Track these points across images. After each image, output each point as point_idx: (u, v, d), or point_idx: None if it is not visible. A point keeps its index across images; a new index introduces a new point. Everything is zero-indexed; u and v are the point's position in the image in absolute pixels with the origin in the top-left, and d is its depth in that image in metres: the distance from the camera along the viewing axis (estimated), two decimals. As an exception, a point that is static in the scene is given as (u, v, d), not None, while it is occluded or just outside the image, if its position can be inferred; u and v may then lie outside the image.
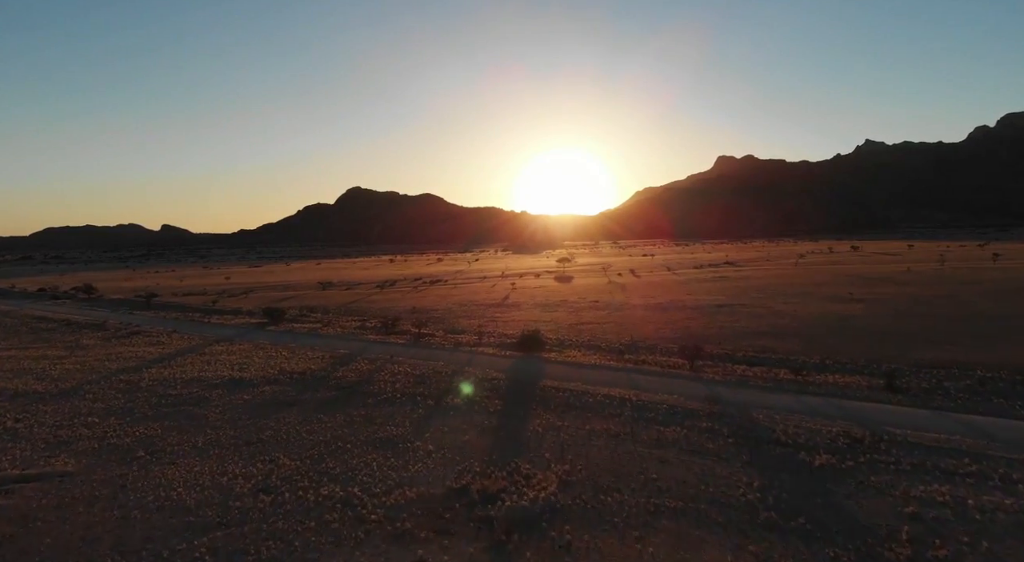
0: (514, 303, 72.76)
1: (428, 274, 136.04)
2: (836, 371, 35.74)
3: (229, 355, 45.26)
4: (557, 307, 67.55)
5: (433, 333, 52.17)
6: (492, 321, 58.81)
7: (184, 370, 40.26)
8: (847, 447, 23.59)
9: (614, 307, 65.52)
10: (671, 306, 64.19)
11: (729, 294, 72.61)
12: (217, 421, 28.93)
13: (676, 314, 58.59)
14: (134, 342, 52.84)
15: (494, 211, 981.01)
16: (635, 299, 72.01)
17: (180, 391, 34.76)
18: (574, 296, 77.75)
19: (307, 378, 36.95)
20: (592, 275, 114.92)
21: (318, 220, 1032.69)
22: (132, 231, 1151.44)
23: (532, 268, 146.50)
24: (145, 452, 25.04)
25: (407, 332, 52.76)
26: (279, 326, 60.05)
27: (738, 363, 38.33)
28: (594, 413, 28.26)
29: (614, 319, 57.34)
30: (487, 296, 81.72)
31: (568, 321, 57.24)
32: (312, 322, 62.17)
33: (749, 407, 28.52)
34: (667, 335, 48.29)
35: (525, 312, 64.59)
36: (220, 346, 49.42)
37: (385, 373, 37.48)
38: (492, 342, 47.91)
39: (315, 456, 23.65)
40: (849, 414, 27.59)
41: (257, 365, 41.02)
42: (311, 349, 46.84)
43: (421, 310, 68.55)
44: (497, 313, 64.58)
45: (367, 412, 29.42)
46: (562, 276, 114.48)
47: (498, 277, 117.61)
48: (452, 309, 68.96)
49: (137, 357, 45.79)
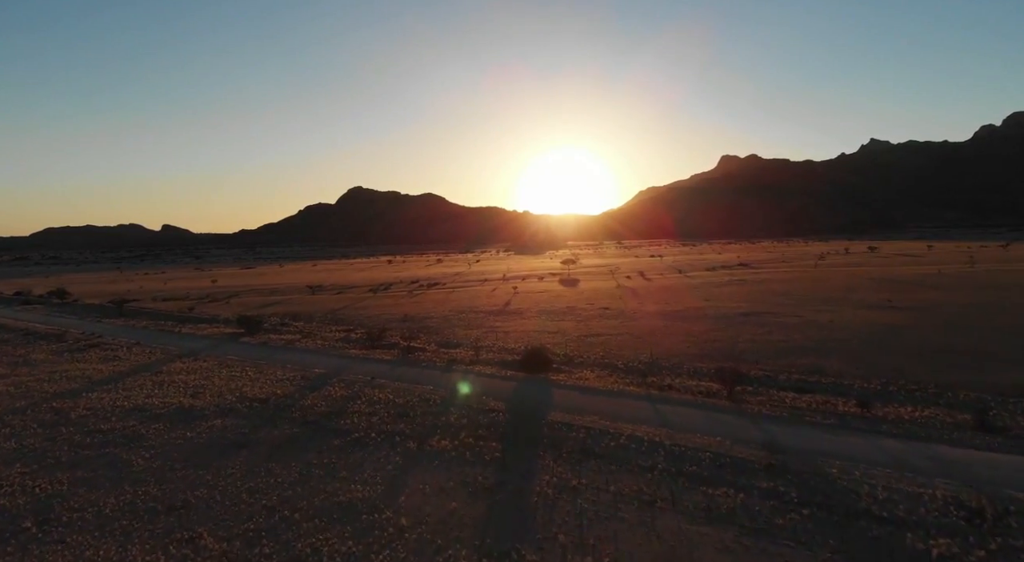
0: (516, 310, 66.79)
1: (426, 277, 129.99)
2: (906, 401, 29.62)
3: (187, 375, 39.31)
4: (564, 315, 61.53)
5: (424, 347, 46.14)
6: (492, 332, 52.83)
7: (129, 395, 34.28)
8: (965, 523, 17.53)
9: (627, 315, 59.47)
10: (690, 314, 58.12)
11: (752, 300, 66.50)
12: (143, 471, 22.98)
13: (698, 324, 52.52)
14: (88, 357, 46.88)
15: (496, 211, 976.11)
16: (649, 306, 65.95)
17: (114, 425, 28.81)
18: (581, 302, 71.72)
19: (268, 407, 30.96)
20: (599, 278, 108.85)
21: (319, 220, 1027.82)
22: (133, 231, 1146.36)
23: (535, 270, 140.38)
24: (34, 522, 19.04)
25: (395, 346, 46.76)
26: (254, 337, 54.10)
27: (784, 389, 32.23)
28: (619, 464, 22.17)
29: (628, 330, 51.31)
30: (487, 302, 75.73)
31: (577, 332, 51.23)
32: (292, 332, 56.18)
33: (816, 456, 22.43)
34: (692, 350, 42.26)
35: (528, 321, 58.61)
36: (181, 363, 43.47)
37: (362, 401, 31.47)
38: (491, 358, 41.88)
39: (251, 534, 17.61)
40: (947, 467, 21.46)
41: (215, 389, 35.05)
42: (282, 367, 40.85)
43: (414, 318, 62.59)
44: (497, 322, 58.60)
45: (331, 459, 23.43)
46: (567, 279, 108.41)
47: (499, 280, 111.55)
48: (448, 317, 62.96)
49: (83, 377, 39.83)
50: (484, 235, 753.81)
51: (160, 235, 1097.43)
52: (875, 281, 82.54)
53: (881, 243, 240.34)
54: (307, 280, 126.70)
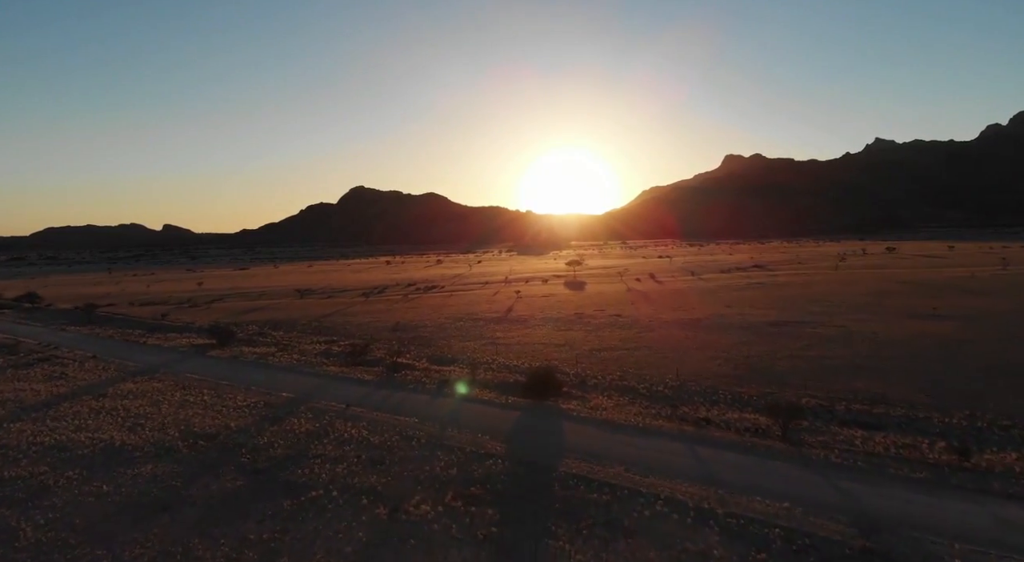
0: (519, 317, 61.03)
1: (424, 279, 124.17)
2: (1006, 443, 23.60)
3: (134, 399, 33.66)
4: (572, 323, 55.74)
5: (413, 364, 40.39)
6: (491, 344, 47.07)
7: (56, 427, 28.63)
8: None
9: (641, 324, 53.63)
10: (713, 323, 52.26)
11: (779, 307, 60.61)
12: (26, 547, 17.40)
13: (724, 336, 46.68)
14: (31, 374, 41.24)
15: (499, 210, 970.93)
16: (665, 313, 60.11)
17: (20, 471, 23.15)
18: (590, 307, 65.92)
19: (215, 447, 25.28)
20: (607, 280, 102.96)
21: (321, 220, 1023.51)
22: (134, 231, 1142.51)
23: (538, 272, 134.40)
24: None
25: (380, 362, 41.04)
26: (225, 350, 48.41)
27: (846, 424, 26.38)
28: (659, 548, 16.44)
29: (646, 342, 45.52)
30: (487, 307, 69.98)
31: (588, 344, 45.46)
32: (267, 345, 50.41)
33: (923, 535, 16.65)
34: (724, 370, 36.44)
35: (533, 330, 52.84)
36: (133, 383, 37.81)
37: (329, 439, 25.76)
38: (490, 379, 36.09)
39: None
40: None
41: (158, 420, 29.40)
42: (246, 390, 35.15)
43: (406, 327, 56.84)
44: (498, 331, 52.83)
45: (275, 532, 17.69)
46: (573, 282, 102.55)
47: (501, 283, 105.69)
48: (444, 326, 57.21)
49: (15, 401, 34.17)
50: (486, 235, 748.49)
51: (161, 235, 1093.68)
52: (908, 285, 76.54)
53: (896, 243, 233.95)
54: (299, 283, 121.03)
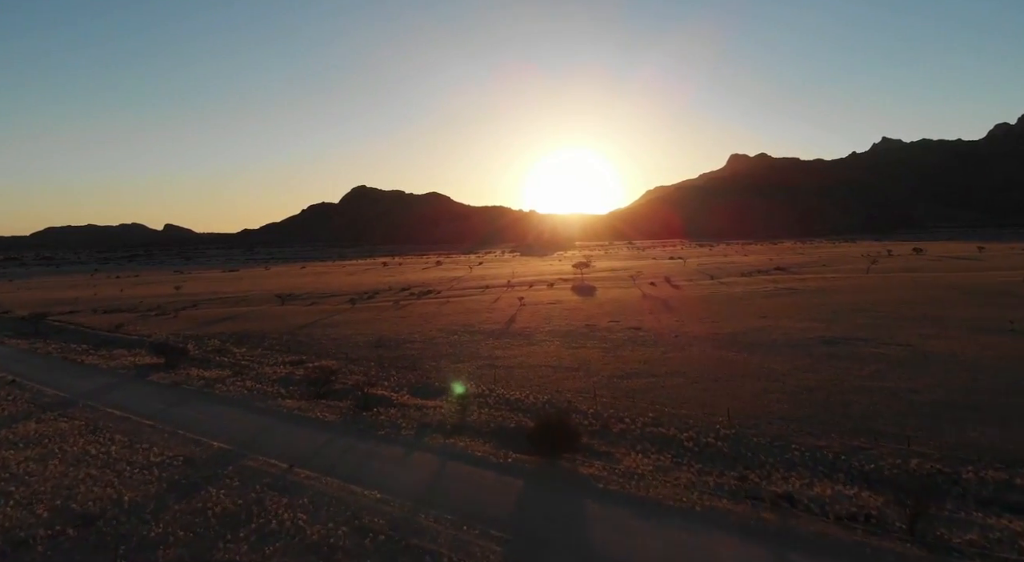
0: (523, 330, 53.15)
1: (419, 282, 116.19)
2: None
3: (22, 450, 25.81)
4: (584, 338, 47.78)
5: (391, 396, 32.41)
6: (489, 367, 39.17)
7: None
8: None
9: (668, 341, 45.61)
10: (753, 340, 44.20)
11: (821, 318, 52.47)
12: None
13: (770, 357, 38.61)
14: (-78, 406, 33.67)
15: (502, 210, 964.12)
16: (692, 325, 52.06)
17: None
18: (603, 318, 58.01)
19: (85, 541, 17.42)
20: (618, 285, 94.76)
21: (322, 220, 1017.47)
22: (135, 231, 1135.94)
23: (543, 275, 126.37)
24: None
25: (352, 392, 33.22)
26: (172, 372, 40.63)
27: (988, 505, 18.54)
28: None
29: (677, 365, 37.53)
30: (487, 317, 62.12)
31: (606, 368, 37.50)
32: (222, 366, 42.45)
33: None
34: (785, 407, 28.34)
35: (538, 347, 44.91)
36: (36, 422, 30.01)
37: (248, 532, 17.69)
38: (485, 422, 28.01)
39: None
40: None
41: (33, 487, 21.50)
42: (170, 436, 27.30)
43: (390, 342, 48.94)
44: (498, 349, 44.91)
45: None
46: (581, 286, 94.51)
47: (503, 287, 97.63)
48: (435, 341, 49.32)
49: None
50: (489, 235, 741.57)
51: (162, 235, 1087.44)
52: (956, 291, 68.28)
53: (917, 244, 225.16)
54: (286, 286, 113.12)
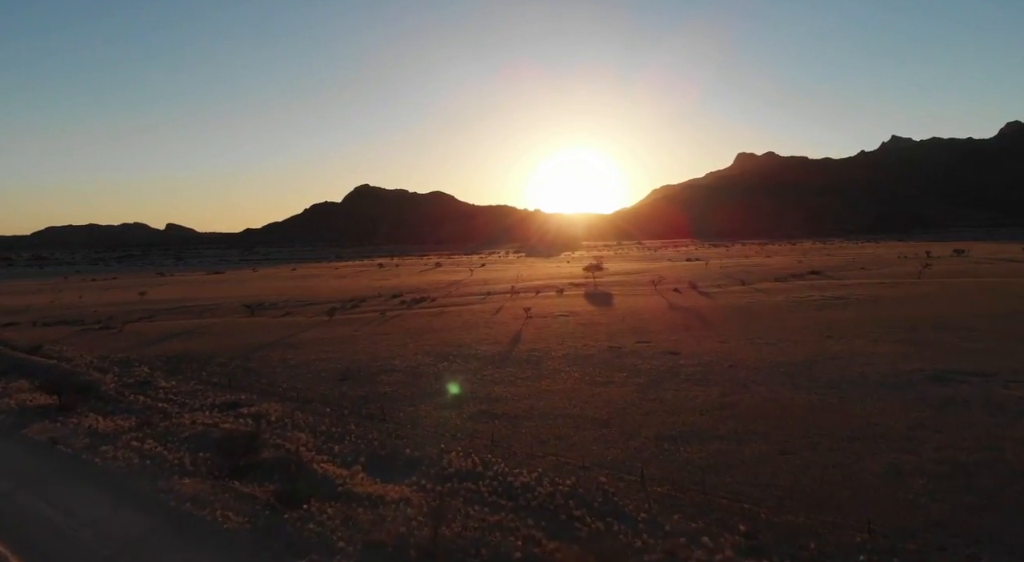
0: (530, 353, 42.66)
1: (414, 288, 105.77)
2: None
3: None
4: (609, 367, 37.11)
5: (337, 475, 21.74)
6: (486, 415, 28.61)
7: None
8: None
9: (722, 373, 34.77)
10: (833, 374, 33.28)
11: (905, 340, 41.50)
12: None
13: (871, 405, 27.52)
14: None
15: (507, 210, 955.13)
16: (743, 349, 41.27)
17: None
18: (629, 335, 47.52)
19: None
20: (637, 290, 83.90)
21: (325, 219, 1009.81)
22: (136, 230, 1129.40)
23: (551, 279, 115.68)
24: None
25: (281, 467, 22.86)
26: (63, 420, 30.31)
27: None
28: None
29: (746, 416, 26.76)
30: (486, 334, 51.64)
31: (649, 423, 26.61)
32: (133, 411, 31.66)
33: None
34: (944, 508, 17.33)
35: (551, 382, 34.32)
36: None
37: None
38: (470, 542, 17.11)
39: None
40: None
41: None
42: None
43: (362, 373, 38.37)
44: (498, 383, 34.28)
45: None
46: (595, 292, 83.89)
47: (506, 293, 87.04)
48: (418, 370, 38.82)
49: None
50: (494, 235, 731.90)
51: (163, 234, 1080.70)
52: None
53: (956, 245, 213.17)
54: (264, 292, 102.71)
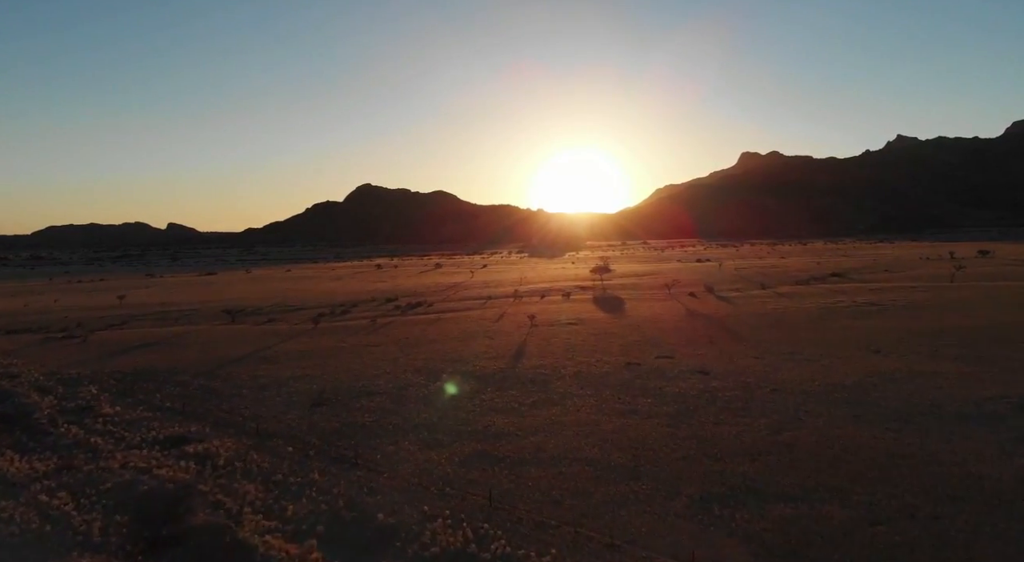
0: (536, 370, 37.20)
1: (411, 290, 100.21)
2: None
3: None
4: (630, 390, 31.60)
5: (281, 557, 16.44)
6: (483, 459, 22.90)
7: None
8: None
9: (763, 400, 29.30)
10: (896, 402, 27.73)
11: (965, 357, 35.84)
12: None
13: (963, 445, 21.89)
14: None
15: (509, 209, 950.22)
16: (781, 366, 35.75)
17: None
18: (648, 349, 42.03)
19: None
20: (649, 294, 78.04)
21: (327, 219, 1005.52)
22: (137, 230, 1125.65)
23: (556, 280, 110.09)
24: None
25: (209, 537, 17.46)
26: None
27: None
28: None
29: (807, 461, 21.33)
30: (486, 346, 46.13)
31: (689, 471, 21.02)
32: (58, 448, 25.71)
33: None
34: None
35: (562, 409, 28.78)
36: None
37: None
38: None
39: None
40: None
41: None
42: None
43: (338, 396, 32.75)
44: (498, 412, 28.77)
45: None
46: (604, 296, 78.33)
47: (509, 296, 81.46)
48: (405, 392, 33.29)
49: None
50: (497, 234, 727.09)
51: (164, 234, 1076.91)
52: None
53: (959, 245, 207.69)
54: (250, 295, 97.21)
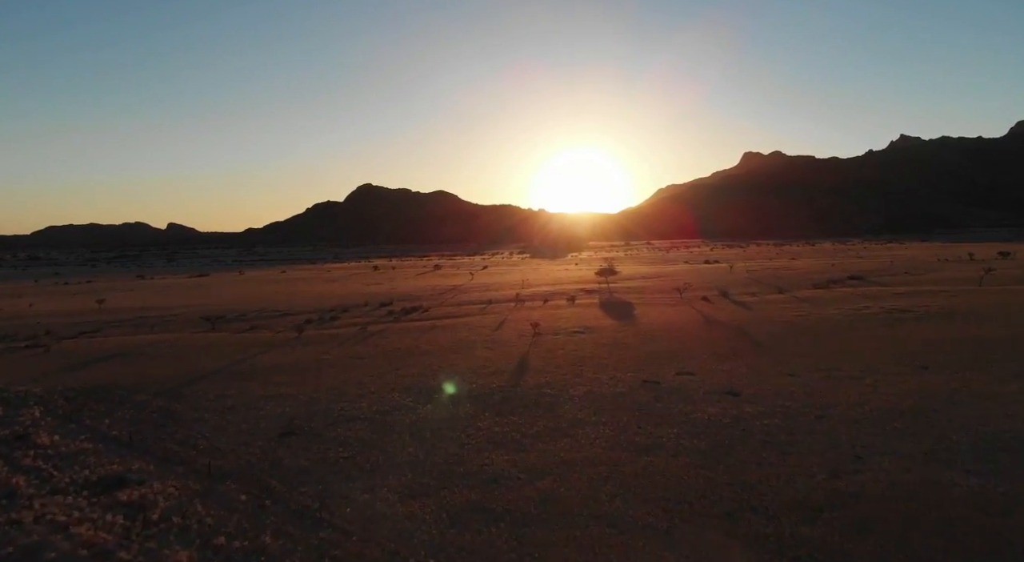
0: (540, 389, 32.70)
1: (407, 293, 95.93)
2: None
3: None
4: (651, 417, 26.91)
5: None
6: (476, 514, 18.08)
7: None
8: None
9: (812, 429, 24.47)
10: (979, 436, 22.56)
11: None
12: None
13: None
14: None
15: (511, 209, 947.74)
16: (819, 385, 31.10)
17: None
18: (665, 362, 37.57)
19: None
20: (659, 299, 73.29)
21: (327, 218, 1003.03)
22: (137, 230, 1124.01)
23: (560, 283, 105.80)
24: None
25: None
26: None
27: None
28: None
29: (885, 517, 16.30)
30: (484, 359, 41.69)
31: (738, 535, 16.88)
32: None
33: None
34: None
35: (573, 441, 23.75)
36: None
37: None
38: None
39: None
40: None
41: None
42: None
43: (311, 423, 28.08)
44: (497, 446, 23.86)
45: None
46: (612, 301, 73.79)
47: (510, 301, 77.07)
48: (389, 418, 28.61)
49: None
50: (498, 235, 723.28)
51: (165, 234, 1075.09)
52: None
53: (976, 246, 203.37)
54: (238, 298, 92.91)
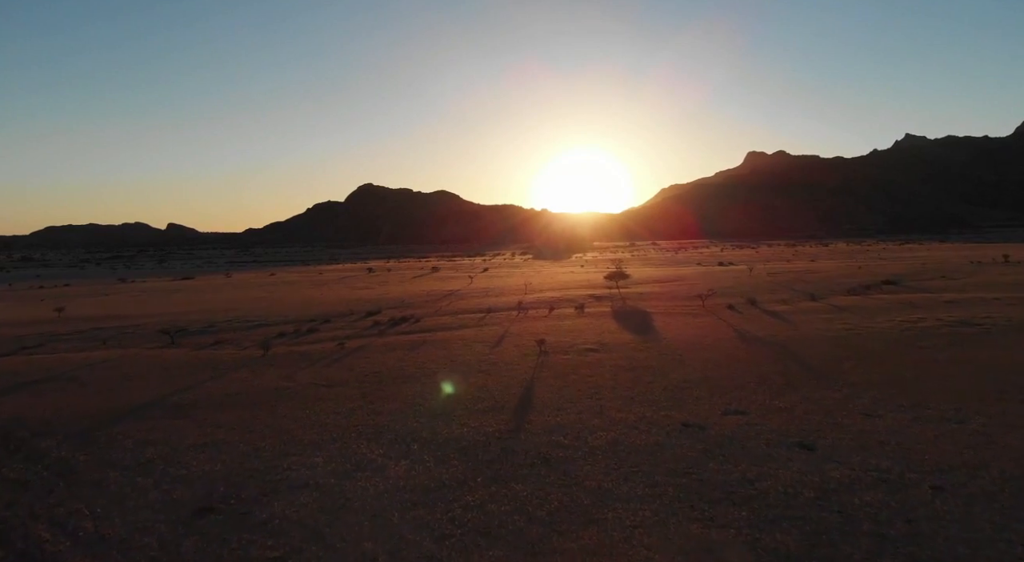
0: (550, 440, 25.10)
1: (399, 299, 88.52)
2: None
3: None
4: (703, 490, 19.03)
5: None
6: None
7: None
8: None
9: (931, 508, 16.23)
10: None
11: None
12: None
13: None
14: None
15: (513, 209, 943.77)
16: (926, 438, 23.38)
17: None
18: (702, 393, 30.43)
19: None
20: (680, 307, 65.53)
21: (327, 218, 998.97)
22: (137, 230, 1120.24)
23: (566, 287, 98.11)
24: None
25: None
26: None
27: None
28: None
29: None
30: (479, 386, 34.38)
31: None
32: None
33: None
34: None
35: (600, 538, 15.84)
36: None
37: None
38: None
39: None
40: None
41: None
42: None
43: (240, 495, 20.06)
44: (493, 542, 16.78)
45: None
46: (626, 310, 66.50)
47: (512, 309, 69.93)
48: (347, 490, 21.04)
49: None
50: (500, 235, 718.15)
51: (164, 234, 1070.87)
52: None
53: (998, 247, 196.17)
54: (216, 305, 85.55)
